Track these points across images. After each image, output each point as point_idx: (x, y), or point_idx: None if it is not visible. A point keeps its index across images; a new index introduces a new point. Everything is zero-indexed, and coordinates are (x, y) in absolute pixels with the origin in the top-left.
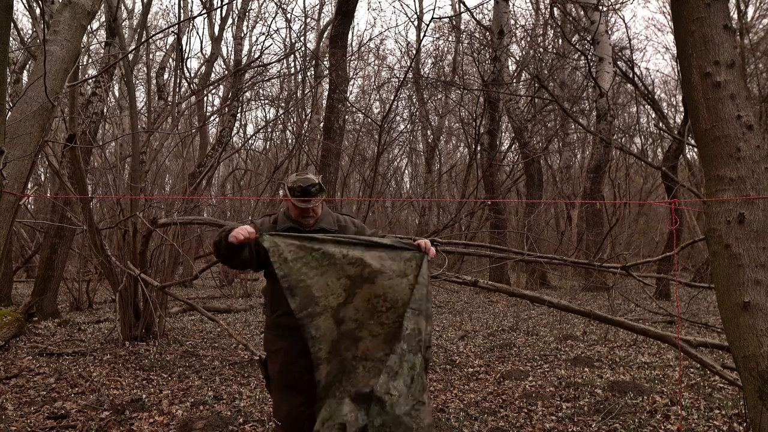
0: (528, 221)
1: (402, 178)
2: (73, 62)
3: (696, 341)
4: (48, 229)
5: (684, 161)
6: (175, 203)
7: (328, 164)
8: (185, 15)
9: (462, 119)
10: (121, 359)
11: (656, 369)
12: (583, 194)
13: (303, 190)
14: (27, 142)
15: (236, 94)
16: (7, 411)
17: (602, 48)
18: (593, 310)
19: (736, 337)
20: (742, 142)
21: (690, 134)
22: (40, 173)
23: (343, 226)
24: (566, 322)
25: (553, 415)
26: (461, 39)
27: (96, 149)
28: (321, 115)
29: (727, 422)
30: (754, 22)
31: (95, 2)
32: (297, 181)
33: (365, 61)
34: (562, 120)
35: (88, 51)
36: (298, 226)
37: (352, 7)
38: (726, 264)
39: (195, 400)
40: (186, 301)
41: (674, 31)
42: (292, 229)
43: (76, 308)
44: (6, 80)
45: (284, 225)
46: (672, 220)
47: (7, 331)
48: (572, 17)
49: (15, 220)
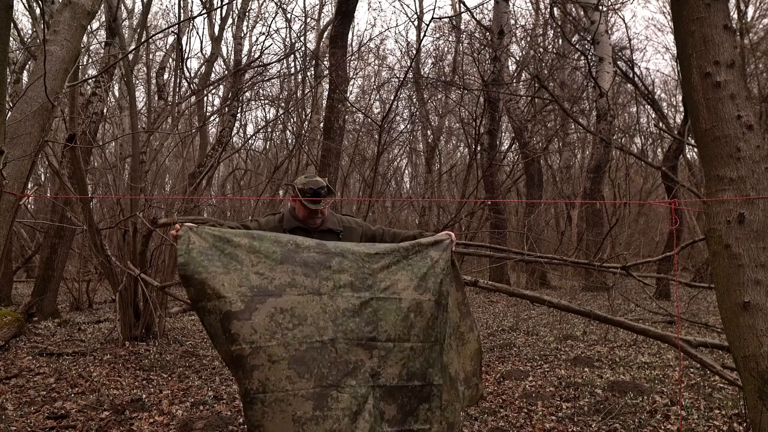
0: (528, 221)
1: (402, 178)
2: (73, 62)
3: (696, 341)
4: (48, 229)
5: (684, 161)
6: (175, 203)
7: (328, 164)
8: (185, 15)
9: (462, 119)
10: (121, 359)
11: (656, 369)
12: (583, 194)
13: (314, 191)
14: (27, 142)
15: (236, 94)
16: (7, 411)
17: (602, 48)
18: (593, 310)
19: (736, 337)
20: (742, 142)
21: (690, 134)
22: (40, 173)
23: (347, 227)
24: (566, 322)
25: (553, 415)
26: (461, 39)
27: (96, 149)
28: (321, 115)
29: (727, 422)
30: (754, 22)
31: (95, 2)
32: (307, 183)
33: (365, 61)
34: (562, 120)
35: (88, 51)
36: (304, 226)
37: (352, 7)
38: (726, 264)
39: (195, 400)
40: (186, 301)
41: (674, 31)
42: (298, 228)
43: (76, 308)
44: (6, 80)
45: (290, 225)
46: (672, 220)
47: (7, 331)
48: (572, 17)
49: (15, 220)
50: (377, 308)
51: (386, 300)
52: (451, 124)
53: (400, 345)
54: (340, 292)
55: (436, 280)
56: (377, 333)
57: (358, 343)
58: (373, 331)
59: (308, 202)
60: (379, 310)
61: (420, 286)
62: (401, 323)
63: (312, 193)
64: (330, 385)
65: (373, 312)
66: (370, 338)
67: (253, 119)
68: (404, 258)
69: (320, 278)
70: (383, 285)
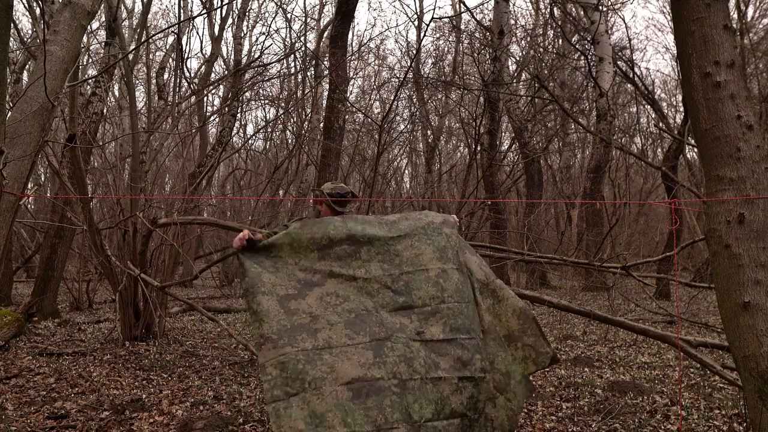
0: (528, 221)
1: (402, 178)
2: (73, 62)
3: (696, 341)
4: (48, 229)
5: (684, 161)
6: (175, 203)
7: (328, 164)
8: (185, 15)
9: (462, 119)
10: (121, 359)
11: (656, 369)
12: (583, 194)
13: (341, 195)
14: (27, 142)
15: (236, 94)
16: (7, 411)
17: (602, 48)
18: (593, 310)
19: (736, 337)
20: (742, 142)
21: (690, 134)
22: (40, 173)
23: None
24: (566, 322)
25: (553, 415)
26: (461, 39)
27: (96, 149)
28: (321, 115)
29: (727, 422)
30: (754, 22)
31: (95, 2)
32: (335, 188)
33: (365, 61)
34: (562, 120)
35: (88, 51)
36: None
37: (352, 7)
38: (726, 264)
39: (195, 400)
40: (186, 301)
41: (674, 31)
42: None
43: (76, 308)
44: (6, 80)
45: None
46: (672, 220)
47: (7, 331)
48: (572, 17)
49: (15, 220)
50: (408, 281)
51: (414, 272)
52: (451, 124)
53: (435, 306)
54: (373, 274)
55: (453, 252)
56: (412, 301)
57: (397, 312)
58: (408, 300)
59: (337, 205)
60: (411, 282)
61: (442, 257)
62: (433, 288)
63: (339, 197)
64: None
65: (405, 285)
66: (406, 306)
67: (253, 119)
68: (424, 234)
69: (353, 268)
70: (409, 261)
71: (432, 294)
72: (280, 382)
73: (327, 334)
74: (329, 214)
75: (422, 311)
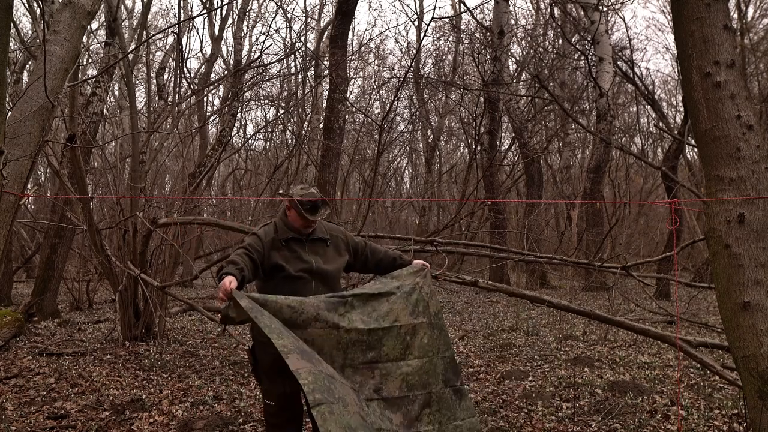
0: (528, 221)
1: (402, 178)
2: (73, 62)
3: (696, 341)
4: (48, 229)
5: (684, 161)
6: (175, 203)
7: (328, 164)
8: (185, 15)
9: (462, 119)
10: (121, 359)
11: (656, 369)
12: (583, 194)
13: (313, 203)
14: (27, 142)
15: (236, 94)
16: (7, 411)
17: (602, 48)
18: (593, 310)
19: (736, 337)
20: (742, 142)
21: (690, 134)
22: (40, 173)
23: (334, 235)
24: (566, 322)
25: (553, 415)
26: (461, 39)
27: (96, 149)
28: (321, 115)
29: (727, 422)
30: (754, 22)
31: (95, 2)
32: (306, 195)
33: (365, 61)
34: (562, 120)
35: (88, 51)
36: (298, 235)
37: (352, 7)
38: (726, 264)
39: (195, 400)
40: (186, 301)
41: (674, 31)
42: (293, 239)
43: (76, 308)
44: (6, 80)
45: (285, 235)
46: (672, 220)
47: (7, 331)
48: (572, 17)
49: (15, 220)
50: (381, 336)
51: (389, 329)
52: (451, 124)
53: (397, 363)
54: (353, 325)
55: (425, 304)
56: (379, 356)
57: (362, 367)
58: (377, 355)
59: (308, 213)
60: (383, 338)
61: (414, 312)
62: (399, 345)
63: (311, 205)
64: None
65: (378, 339)
66: (373, 361)
67: (253, 119)
68: (398, 289)
69: (338, 314)
70: (386, 316)
71: (398, 350)
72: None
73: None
74: (298, 220)
75: (385, 367)
